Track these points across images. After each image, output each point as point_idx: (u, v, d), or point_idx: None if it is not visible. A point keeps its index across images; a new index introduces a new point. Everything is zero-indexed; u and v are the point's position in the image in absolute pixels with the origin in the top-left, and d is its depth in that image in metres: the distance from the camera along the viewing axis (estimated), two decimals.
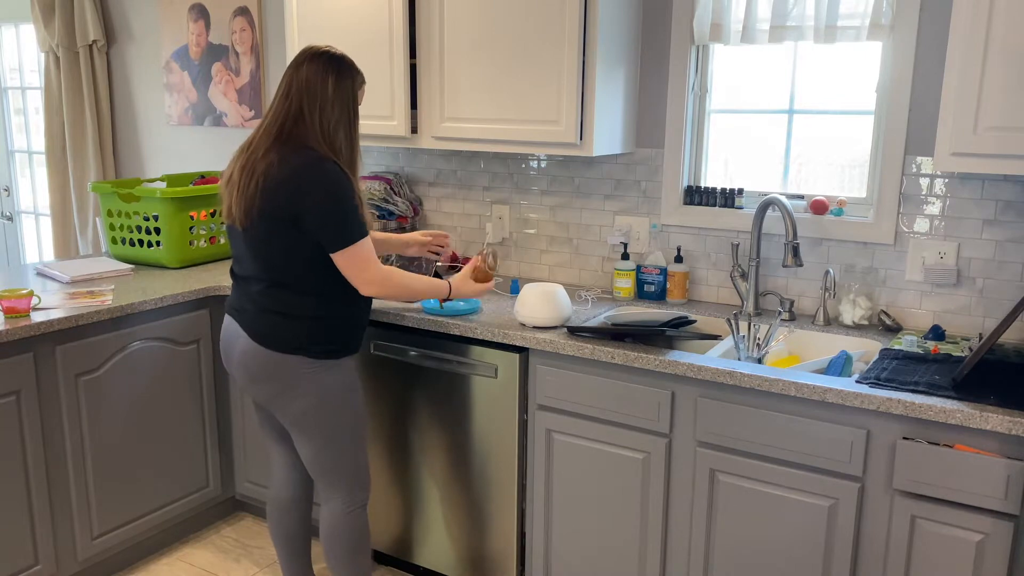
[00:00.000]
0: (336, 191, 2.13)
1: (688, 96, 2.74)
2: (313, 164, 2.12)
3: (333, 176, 2.13)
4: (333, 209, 2.12)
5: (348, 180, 2.17)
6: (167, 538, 3.04)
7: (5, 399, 2.41)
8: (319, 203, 2.11)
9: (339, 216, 2.13)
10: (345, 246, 2.15)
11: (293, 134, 2.16)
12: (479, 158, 3.16)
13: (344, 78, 2.20)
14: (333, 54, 2.22)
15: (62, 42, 4.11)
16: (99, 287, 2.86)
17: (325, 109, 2.17)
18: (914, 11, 2.35)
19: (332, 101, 2.18)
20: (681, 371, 2.16)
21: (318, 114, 2.17)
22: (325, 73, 2.18)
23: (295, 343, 2.21)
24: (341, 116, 2.20)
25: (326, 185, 2.12)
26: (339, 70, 2.20)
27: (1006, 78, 1.97)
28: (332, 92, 2.18)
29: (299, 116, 2.17)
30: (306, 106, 2.16)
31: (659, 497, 2.28)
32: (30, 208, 4.90)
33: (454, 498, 2.64)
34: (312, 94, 2.17)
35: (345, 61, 2.22)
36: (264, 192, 2.12)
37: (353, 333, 2.31)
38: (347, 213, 2.14)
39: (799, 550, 2.11)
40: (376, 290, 2.22)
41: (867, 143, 2.56)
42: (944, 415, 1.85)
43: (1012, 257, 2.34)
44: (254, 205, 2.14)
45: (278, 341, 2.21)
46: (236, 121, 3.80)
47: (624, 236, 2.89)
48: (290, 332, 2.21)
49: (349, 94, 2.21)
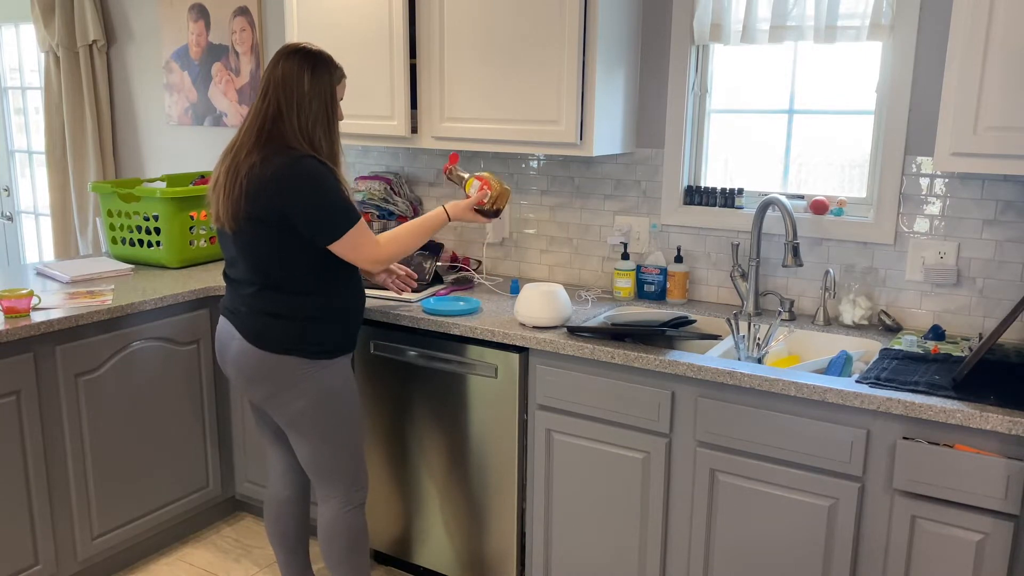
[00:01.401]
0: (318, 185, 2.13)
1: (688, 96, 2.74)
2: (293, 163, 2.12)
3: (312, 171, 2.13)
4: (319, 203, 2.13)
5: (330, 171, 2.17)
6: (167, 538, 3.04)
7: (5, 399, 2.41)
8: (304, 200, 2.12)
9: (326, 209, 2.14)
10: (339, 237, 2.16)
11: (273, 134, 2.16)
12: (479, 158, 3.16)
13: (320, 74, 2.19)
14: (308, 50, 2.21)
15: (62, 42, 4.11)
16: (99, 287, 2.86)
17: (302, 106, 2.16)
18: (914, 11, 2.35)
19: (309, 98, 2.17)
20: (681, 371, 2.16)
21: (295, 112, 2.16)
22: (300, 70, 2.17)
23: (289, 343, 2.21)
24: (319, 112, 2.19)
25: (307, 181, 2.12)
26: (314, 66, 2.19)
27: (1006, 78, 1.97)
28: (308, 88, 2.17)
29: (277, 115, 2.16)
30: (283, 104, 2.16)
31: (659, 497, 2.28)
32: (30, 208, 4.90)
33: (454, 498, 2.64)
34: (288, 92, 2.16)
35: (321, 56, 2.21)
36: (248, 195, 2.12)
37: (347, 332, 2.30)
38: (333, 204, 2.15)
39: (799, 550, 2.11)
40: (382, 264, 2.26)
41: (867, 143, 2.56)
42: (944, 415, 1.85)
43: (1012, 257, 2.34)
44: (240, 208, 2.14)
45: (272, 342, 2.21)
46: (236, 121, 3.80)
47: (624, 236, 2.89)
48: (284, 332, 2.21)
49: (327, 89, 2.20)
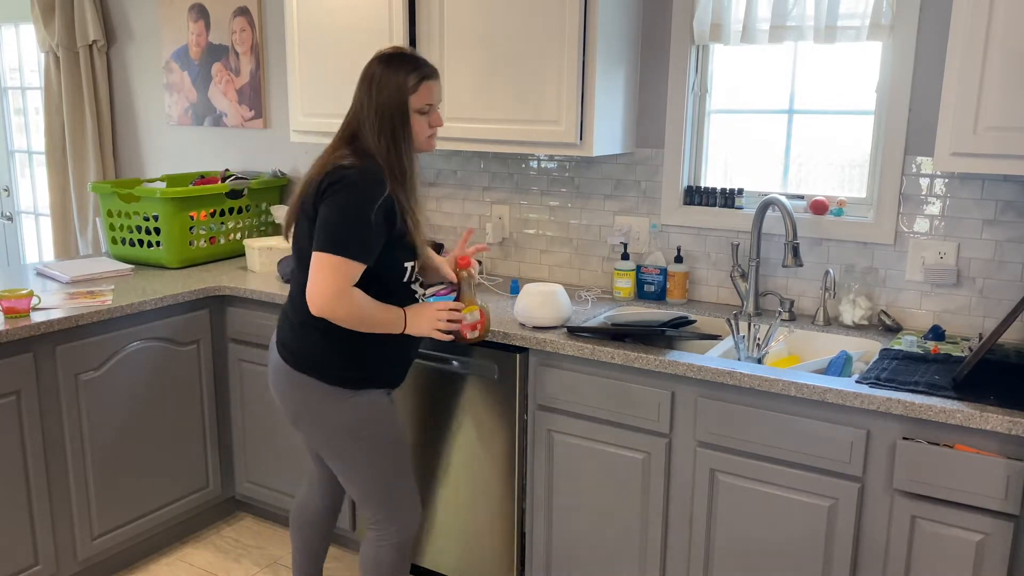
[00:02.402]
0: (346, 197, 1.95)
1: (688, 96, 2.74)
2: (345, 167, 1.98)
3: (352, 181, 1.96)
4: (333, 211, 1.96)
5: (375, 189, 1.97)
6: (167, 538, 3.04)
7: (5, 399, 2.41)
8: (328, 205, 1.97)
9: (334, 220, 1.96)
10: (323, 250, 1.95)
11: (356, 136, 2.05)
12: (479, 158, 3.16)
13: (388, 80, 2.02)
14: (384, 54, 2.06)
15: (62, 42, 4.11)
16: (99, 287, 2.86)
17: (370, 114, 2.02)
18: (914, 11, 2.35)
19: (376, 105, 2.02)
20: (681, 371, 2.16)
21: (366, 118, 2.03)
22: (369, 74, 2.04)
23: (308, 362, 2.08)
24: (385, 123, 2.02)
25: (340, 188, 1.96)
26: (383, 71, 2.02)
27: (1006, 78, 1.97)
28: (376, 96, 2.02)
29: (354, 120, 2.06)
30: (359, 109, 2.04)
31: (659, 497, 2.28)
32: (30, 208, 4.90)
33: (454, 498, 2.64)
34: (360, 97, 2.05)
35: (396, 59, 2.04)
36: (306, 190, 2.03)
37: (381, 365, 2.10)
38: (343, 221, 1.95)
39: (799, 550, 2.10)
40: (322, 309, 1.95)
41: (867, 143, 2.56)
42: (944, 415, 1.85)
43: (1012, 257, 2.34)
44: (297, 206, 2.06)
45: (296, 357, 2.09)
46: (236, 121, 3.80)
47: (624, 236, 2.89)
48: (307, 349, 2.08)
49: (395, 98, 2.01)
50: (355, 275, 1.97)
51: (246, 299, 2.94)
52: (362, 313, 1.99)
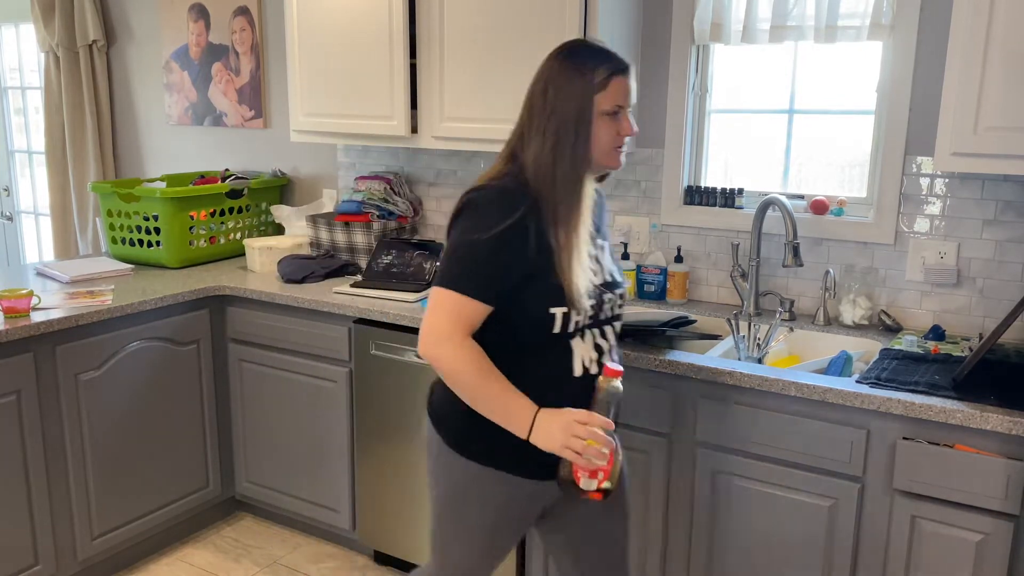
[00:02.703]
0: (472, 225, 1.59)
1: (688, 96, 2.74)
2: (479, 187, 1.63)
3: (481, 204, 1.60)
4: (456, 245, 1.61)
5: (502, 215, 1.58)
6: (167, 538, 3.04)
7: (5, 399, 2.41)
8: (453, 232, 1.64)
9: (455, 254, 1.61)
10: (437, 284, 1.61)
11: (515, 156, 1.68)
12: (479, 158, 3.16)
13: (572, 72, 1.61)
14: (568, 47, 1.66)
15: (62, 42, 4.11)
16: (99, 287, 2.86)
17: (539, 120, 1.63)
18: (914, 11, 2.35)
19: (553, 107, 1.61)
20: (681, 371, 2.16)
21: (534, 126, 1.64)
22: (551, 70, 1.63)
23: (438, 414, 1.77)
24: (557, 127, 1.61)
25: (468, 215, 1.61)
26: (564, 64, 1.62)
27: (1006, 78, 1.97)
28: (554, 96, 1.61)
29: (520, 133, 1.69)
30: (528, 119, 1.67)
31: (659, 497, 2.28)
32: (30, 208, 4.90)
33: None
34: (533, 102, 1.66)
35: (579, 51, 1.64)
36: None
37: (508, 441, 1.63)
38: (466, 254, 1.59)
39: (799, 550, 2.10)
40: (427, 354, 1.60)
41: (867, 143, 2.56)
42: (944, 415, 1.85)
43: (1012, 257, 2.34)
44: None
45: (431, 404, 1.81)
46: (236, 121, 3.80)
47: (624, 236, 2.89)
48: (438, 399, 1.77)
49: (578, 94, 1.60)
50: (473, 317, 1.59)
51: (246, 299, 2.94)
52: (470, 371, 1.58)
